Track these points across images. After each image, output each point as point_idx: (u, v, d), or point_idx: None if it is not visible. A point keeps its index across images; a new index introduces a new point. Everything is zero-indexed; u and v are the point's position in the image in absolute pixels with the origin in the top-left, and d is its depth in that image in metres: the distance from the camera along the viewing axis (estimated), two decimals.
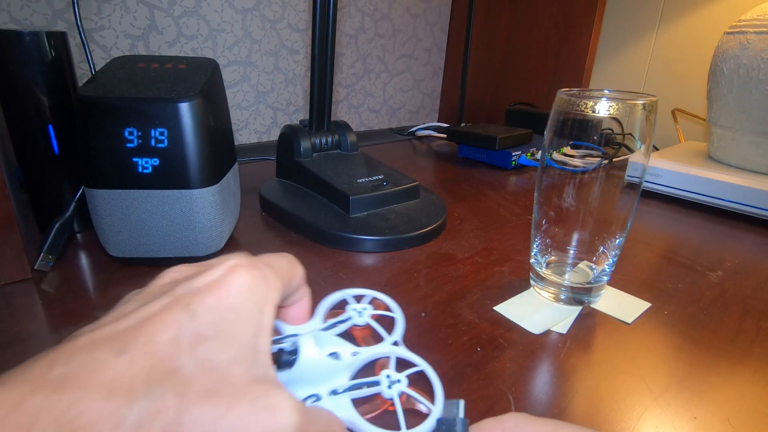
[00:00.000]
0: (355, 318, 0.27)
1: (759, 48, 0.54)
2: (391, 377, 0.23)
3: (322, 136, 0.54)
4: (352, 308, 0.28)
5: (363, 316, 0.28)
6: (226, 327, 0.16)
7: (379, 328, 0.27)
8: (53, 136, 0.40)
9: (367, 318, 0.27)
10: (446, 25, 1.12)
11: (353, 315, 0.27)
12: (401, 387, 0.23)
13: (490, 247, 0.45)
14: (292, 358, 0.20)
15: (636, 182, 0.32)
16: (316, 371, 0.21)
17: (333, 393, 0.21)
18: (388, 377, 0.23)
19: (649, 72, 0.89)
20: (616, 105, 0.30)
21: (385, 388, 0.22)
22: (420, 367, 0.24)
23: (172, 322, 0.15)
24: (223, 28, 0.76)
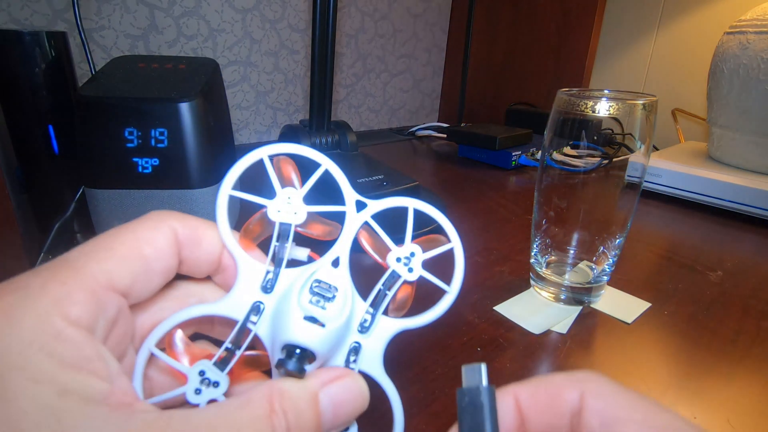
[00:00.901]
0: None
1: (759, 48, 0.54)
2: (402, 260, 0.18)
3: (322, 136, 0.54)
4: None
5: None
6: None
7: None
8: (53, 136, 0.40)
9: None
10: (446, 25, 1.12)
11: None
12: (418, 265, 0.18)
13: (490, 247, 0.45)
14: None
15: (636, 182, 0.32)
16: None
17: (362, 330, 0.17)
18: (399, 260, 0.19)
19: (649, 72, 0.89)
20: (616, 105, 0.30)
21: (405, 273, 0.18)
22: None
23: None
24: (223, 28, 0.76)
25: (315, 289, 0.17)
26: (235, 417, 0.13)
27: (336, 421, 0.15)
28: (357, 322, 0.18)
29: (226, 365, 0.16)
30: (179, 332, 0.17)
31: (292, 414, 0.14)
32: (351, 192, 0.18)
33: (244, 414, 0.13)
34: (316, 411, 0.15)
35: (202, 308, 0.17)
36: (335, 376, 0.16)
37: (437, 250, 0.19)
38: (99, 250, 0.14)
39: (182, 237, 0.16)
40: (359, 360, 0.17)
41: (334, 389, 0.15)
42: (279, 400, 0.14)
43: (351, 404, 0.15)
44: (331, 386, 0.15)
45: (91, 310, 0.13)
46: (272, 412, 0.14)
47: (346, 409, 0.15)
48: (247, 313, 0.17)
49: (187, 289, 0.18)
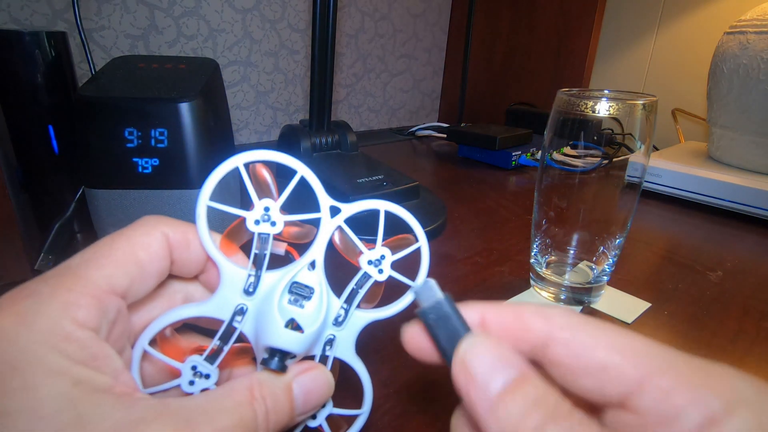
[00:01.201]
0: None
1: (759, 48, 0.54)
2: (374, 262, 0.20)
3: (322, 136, 0.54)
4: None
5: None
6: None
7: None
8: (53, 136, 0.40)
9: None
10: (446, 25, 1.12)
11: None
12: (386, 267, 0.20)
13: (490, 247, 0.45)
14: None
15: (636, 182, 0.32)
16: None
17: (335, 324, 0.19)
18: (371, 263, 0.20)
19: (649, 72, 0.89)
20: (616, 105, 0.30)
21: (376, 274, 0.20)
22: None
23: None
24: (223, 28, 0.76)
25: (293, 290, 0.18)
26: (223, 402, 0.15)
27: (306, 406, 0.18)
28: (332, 317, 0.19)
29: (215, 359, 0.18)
30: (169, 330, 0.18)
31: (270, 400, 0.16)
32: (325, 198, 0.19)
33: (230, 400, 0.16)
34: (290, 397, 0.17)
35: (190, 310, 0.18)
36: (306, 368, 0.18)
37: (405, 252, 0.20)
38: (99, 257, 0.16)
39: (173, 241, 0.18)
40: (333, 349, 0.20)
41: (304, 379, 0.18)
42: (258, 389, 0.16)
43: (319, 392, 0.18)
44: (302, 377, 0.18)
45: (95, 313, 0.15)
46: (253, 398, 0.16)
47: (315, 395, 0.18)
48: (232, 315, 0.18)
49: (177, 288, 0.20)
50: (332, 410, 0.20)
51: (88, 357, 0.14)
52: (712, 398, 0.12)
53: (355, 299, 0.20)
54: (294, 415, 0.17)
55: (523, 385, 0.13)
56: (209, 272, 0.20)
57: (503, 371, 0.14)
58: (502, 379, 0.13)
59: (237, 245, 0.19)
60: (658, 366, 0.13)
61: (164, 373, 0.19)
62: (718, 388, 0.12)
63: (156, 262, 0.17)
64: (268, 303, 0.18)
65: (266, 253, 0.19)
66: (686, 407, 0.12)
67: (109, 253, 0.16)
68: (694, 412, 0.12)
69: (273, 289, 0.18)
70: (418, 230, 0.21)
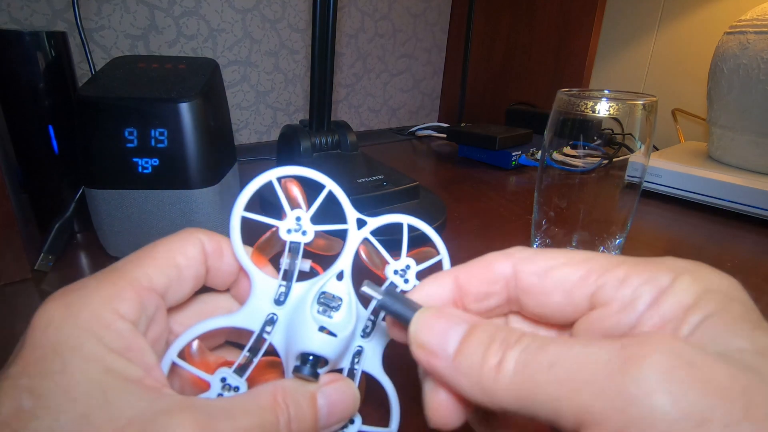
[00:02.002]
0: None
1: (759, 48, 0.54)
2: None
3: (322, 136, 0.54)
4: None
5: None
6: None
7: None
8: (53, 136, 0.40)
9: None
10: (446, 25, 1.12)
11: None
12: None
13: (490, 247, 0.45)
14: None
15: (636, 182, 0.32)
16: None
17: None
18: (396, 272, 0.21)
19: (649, 72, 0.89)
20: (616, 105, 0.30)
21: None
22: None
23: None
24: (223, 28, 0.76)
25: (322, 300, 0.18)
26: (246, 405, 0.16)
27: (331, 419, 0.18)
28: (360, 329, 0.20)
29: (245, 371, 0.18)
30: (197, 342, 0.18)
31: (294, 408, 0.16)
32: (352, 211, 0.20)
33: (253, 403, 0.16)
34: (314, 407, 0.17)
35: (221, 320, 0.18)
36: (332, 379, 0.18)
37: (429, 262, 0.21)
38: (141, 259, 0.17)
39: (208, 248, 0.19)
40: (361, 362, 0.20)
41: (329, 390, 0.18)
42: (282, 395, 0.16)
43: (344, 404, 0.18)
44: (328, 387, 0.18)
45: (135, 306, 0.16)
46: (276, 404, 0.16)
47: (340, 407, 0.18)
48: (263, 324, 0.18)
49: (209, 300, 0.21)
50: (361, 427, 0.20)
51: (123, 347, 0.15)
52: (660, 275, 0.14)
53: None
54: (317, 426, 0.17)
55: (473, 332, 0.14)
56: (240, 286, 0.20)
57: (453, 331, 0.15)
58: (456, 336, 0.15)
59: (268, 257, 0.19)
60: (613, 263, 0.15)
61: (192, 386, 0.19)
62: (664, 268, 0.14)
63: (192, 266, 0.18)
64: (299, 311, 0.18)
65: (297, 262, 0.19)
66: (640, 287, 0.14)
67: (150, 255, 0.17)
68: (647, 289, 0.14)
69: (303, 299, 0.18)
70: (439, 243, 0.21)
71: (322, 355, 0.17)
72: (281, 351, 0.18)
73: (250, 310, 0.18)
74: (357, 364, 0.19)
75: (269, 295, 0.19)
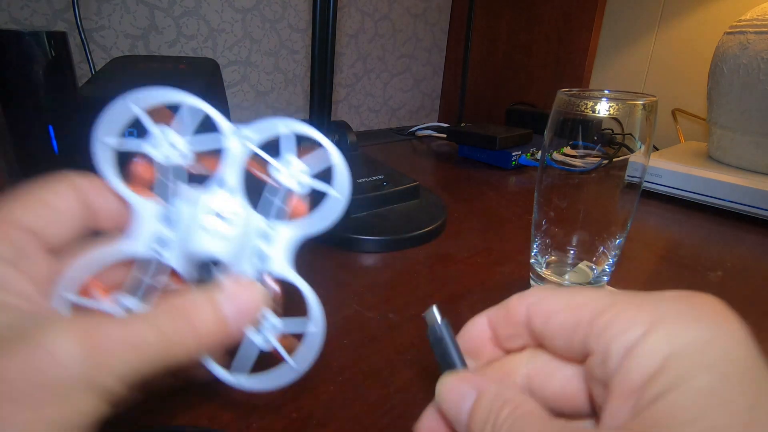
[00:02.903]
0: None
1: (759, 48, 0.54)
2: None
3: None
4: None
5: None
6: None
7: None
8: (53, 136, 0.40)
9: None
10: (446, 25, 1.12)
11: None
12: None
13: (490, 247, 0.45)
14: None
15: (636, 182, 0.32)
16: None
17: None
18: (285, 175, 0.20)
19: (649, 72, 0.89)
20: (616, 105, 0.30)
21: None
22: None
23: None
24: (223, 28, 0.76)
25: (210, 210, 0.18)
26: (141, 314, 0.16)
27: (237, 319, 0.17)
28: (258, 234, 0.19)
29: (138, 291, 0.18)
30: (85, 275, 0.18)
31: (194, 311, 0.16)
32: (225, 122, 0.19)
33: (150, 312, 0.16)
34: (216, 309, 0.17)
35: (105, 250, 0.18)
36: (232, 281, 0.18)
37: (319, 163, 0.20)
38: (9, 201, 0.17)
39: (83, 186, 0.19)
40: (267, 266, 0.19)
41: (231, 291, 0.17)
42: (181, 301, 0.16)
43: (249, 304, 0.18)
44: (229, 289, 0.17)
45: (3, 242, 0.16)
46: (173, 309, 0.16)
47: (245, 308, 0.18)
48: (150, 244, 0.18)
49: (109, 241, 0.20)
50: (280, 325, 0.19)
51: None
52: (636, 324, 0.13)
53: (277, 214, 0.20)
54: (225, 329, 0.17)
55: (480, 400, 0.15)
56: None
57: (465, 400, 0.16)
58: (466, 406, 0.15)
59: (149, 185, 0.19)
60: (604, 306, 0.14)
61: None
62: (644, 314, 0.13)
63: (66, 204, 0.18)
64: (189, 224, 0.18)
65: (173, 180, 0.18)
66: (613, 340, 0.13)
67: (16, 195, 0.17)
68: (617, 346, 0.13)
69: (190, 213, 0.18)
70: (327, 144, 0.20)
71: (215, 256, 0.17)
72: (178, 268, 0.18)
73: (136, 235, 0.18)
74: (262, 269, 0.19)
75: (154, 217, 0.18)
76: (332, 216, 0.20)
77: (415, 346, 0.30)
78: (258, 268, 0.19)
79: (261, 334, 0.19)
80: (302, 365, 0.19)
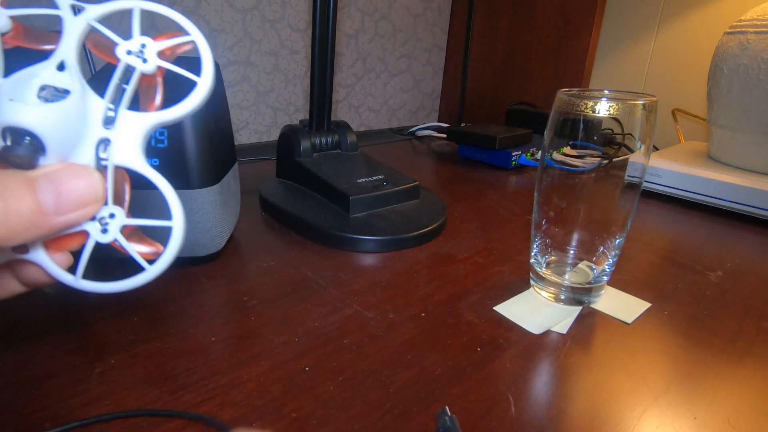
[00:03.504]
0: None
1: (759, 48, 0.54)
2: None
3: (322, 136, 0.54)
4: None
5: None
6: None
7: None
8: None
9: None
10: (446, 25, 1.12)
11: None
12: None
13: (490, 247, 0.45)
14: None
15: (636, 182, 0.32)
16: None
17: None
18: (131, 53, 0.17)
19: (649, 72, 0.89)
20: (616, 105, 0.30)
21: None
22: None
23: None
24: (223, 28, 0.76)
25: (43, 85, 0.16)
26: None
27: (62, 207, 0.15)
28: (100, 118, 0.17)
29: None
30: None
31: (7, 194, 0.14)
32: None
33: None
34: (33, 193, 0.15)
35: None
36: (57, 162, 0.16)
37: (173, 41, 0.18)
38: None
39: None
40: (111, 155, 0.17)
41: (54, 174, 0.15)
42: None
43: (77, 190, 0.15)
44: (50, 169, 0.15)
45: None
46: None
47: (73, 194, 0.15)
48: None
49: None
50: (126, 221, 0.17)
51: None
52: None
53: (122, 96, 0.17)
54: (42, 216, 0.15)
55: None
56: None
57: None
58: None
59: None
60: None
61: None
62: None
63: None
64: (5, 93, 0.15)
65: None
66: None
67: None
68: None
69: (12, 85, 0.16)
70: (187, 24, 0.18)
71: (31, 129, 0.15)
72: None
73: None
74: (104, 159, 0.17)
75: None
76: (192, 103, 0.18)
77: (415, 346, 0.30)
78: (98, 156, 0.17)
79: (103, 229, 0.17)
80: (157, 266, 0.17)
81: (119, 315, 0.32)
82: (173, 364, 0.27)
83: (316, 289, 0.36)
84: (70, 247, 0.17)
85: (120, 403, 0.24)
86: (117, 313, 0.32)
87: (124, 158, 0.17)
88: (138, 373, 0.26)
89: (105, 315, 0.31)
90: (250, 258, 0.41)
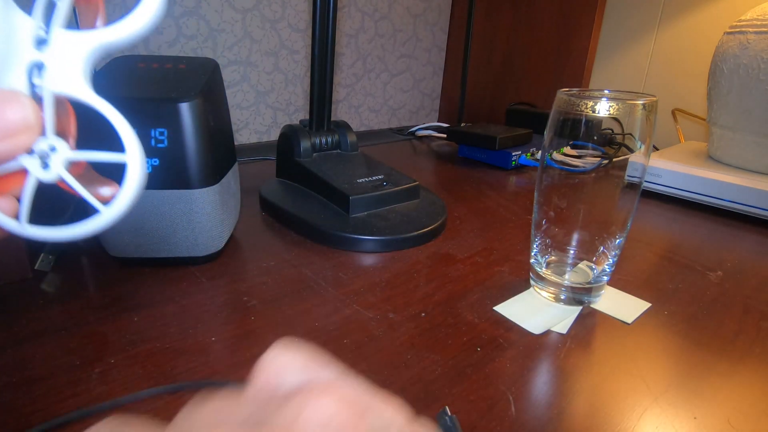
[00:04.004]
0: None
1: (759, 48, 0.54)
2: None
3: (322, 136, 0.54)
4: None
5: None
6: None
7: None
8: None
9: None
10: (446, 25, 1.12)
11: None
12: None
13: (490, 247, 0.45)
14: None
15: (636, 182, 0.32)
16: None
17: None
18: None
19: (649, 72, 0.89)
20: (616, 105, 0.30)
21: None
22: None
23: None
24: (223, 28, 0.76)
25: None
26: None
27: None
28: (30, 38, 0.15)
29: None
30: None
31: None
32: None
33: None
34: None
35: None
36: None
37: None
38: None
39: None
40: (47, 80, 0.15)
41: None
42: None
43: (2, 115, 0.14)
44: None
45: None
46: None
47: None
48: None
49: None
50: (71, 154, 0.15)
51: None
52: None
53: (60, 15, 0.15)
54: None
55: None
56: None
57: None
58: None
59: None
60: None
61: None
62: None
63: None
64: None
65: None
66: None
67: None
68: None
69: None
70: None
71: None
72: None
73: None
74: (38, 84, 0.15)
75: None
76: (141, 20, 0.15)
77: (415, 346, 0.30)
78: (32, 82, 0.15)
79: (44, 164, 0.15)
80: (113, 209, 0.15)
81: (119, 315, 0.32)
82: (173, 364, 0.27)
83: (316, 289, 0.36)
84: (11, 189, 0.15)
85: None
86: (117, 313, 0.32)
87: (62, 85, 0.15)
88: (138, 373, 0.26)
89: (105, 315, 0.31)
90: (250, 258, 0.41)
